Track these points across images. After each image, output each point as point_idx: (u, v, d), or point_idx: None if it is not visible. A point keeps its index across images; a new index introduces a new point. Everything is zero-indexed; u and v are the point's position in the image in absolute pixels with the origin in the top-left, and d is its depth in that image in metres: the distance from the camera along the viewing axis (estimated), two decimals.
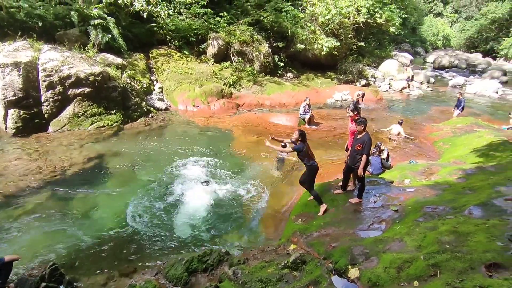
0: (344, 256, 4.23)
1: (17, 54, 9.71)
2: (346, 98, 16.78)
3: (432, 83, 23.92)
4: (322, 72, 20.38)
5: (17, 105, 9.53)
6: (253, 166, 8.66)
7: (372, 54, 24.23)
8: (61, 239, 5.64)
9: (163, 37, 16.08)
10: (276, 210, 6.97)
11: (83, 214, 6.40)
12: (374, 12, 19.92)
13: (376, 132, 11.88)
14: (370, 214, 5.53)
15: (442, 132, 11.69)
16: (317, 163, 5.81)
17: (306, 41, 17.91)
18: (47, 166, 7.95)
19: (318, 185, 6.95)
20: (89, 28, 12.90)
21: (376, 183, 6.83)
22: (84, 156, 8.61)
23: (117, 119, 10.93)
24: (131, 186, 7.44)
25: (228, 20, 17.83)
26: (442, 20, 54.35)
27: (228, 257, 4.82)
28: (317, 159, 8.71)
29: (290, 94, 16.03)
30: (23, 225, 5.94)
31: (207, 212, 6.61)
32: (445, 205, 5.17)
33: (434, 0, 57.01)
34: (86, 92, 10.38)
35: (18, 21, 11.74)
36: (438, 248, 3.75)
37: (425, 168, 7.79)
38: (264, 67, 17.76)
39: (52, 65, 9.90)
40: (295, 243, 5.18)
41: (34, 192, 6.95)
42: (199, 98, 13.60)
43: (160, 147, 9.63)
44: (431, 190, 6.12)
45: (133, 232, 5.96)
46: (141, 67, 14.26)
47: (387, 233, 4.76)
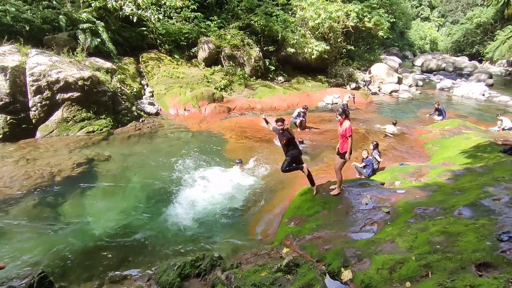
0: (337, 258, 4.23)
1: (3, 58, 9.55)
2: (336, 101, 16.93)
3: (421, 86, 24.32)
4: (313, 76, 20.54)
5: (4, 110, 9.35)
6: (245, 169, 8.64)
7: (361, 57, 24.54)
8: (50, 246, 5.52)
9: (153, 41, 16.00)
10: (269, 213, 6.96)
11: (72, 221, 6.28)
12: (363, 16, 20.21)
13: (367, 132, 12.00)
14: (362, 216, 5.55)
15: (431, 134, 11.87)
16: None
17: (297, 45, 18.05)
18: (35, 172, 7.79)
19: (310, 188, 6.96)
20: (78, 32, 12.77)
21: (367, 185, 6.87)
22: (73, 161, 8.47)
23: (107, 124, 10.80)
24: (121, 192, 7.35)
25: (219, 24, 17.87)
26: (429, 24, 55.43)
27: (221, 262, 4.78)
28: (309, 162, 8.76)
29: (281, 98, 16.10)
30: (9, 232, 5.80)
31: (199, 217, 6.56)
32: (436, 206, 5.22)
33: (421, 4, 58.12)
34: (75, 96, 10.25)
35: (5, 25, 11.55)
36: (429, 249, 3.78)
37: (415, 169, 7.88)
38: (255, 71, 17.81)
39: (40, 69, 9.75)
40: (288, 246, 5.17)
41: (22, 199, 6.80)
42: (190, 102, 13.55)
43: (151, 152, 9.55)
44: (422, 192, 6.19)
45: (124, 238, 5.86)
46: (131, 71, 14.15)
47: (379, 235, 4.78)
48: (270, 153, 9.85)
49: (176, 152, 9.64)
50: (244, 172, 8.34)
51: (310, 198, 6.46)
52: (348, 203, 6.06)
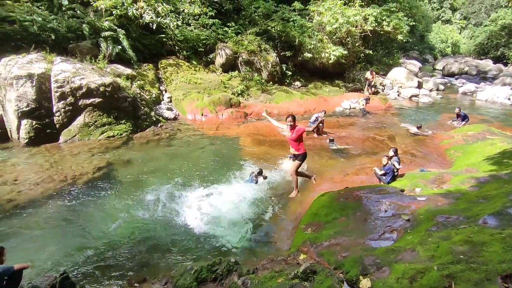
0: (355, 266, 4.14)
1: (30, 66, 9.95)
2: (354, 106, 16.72)
3: (442, 90, 23.68)
4: (330, 81, 20.38)
5: (30, 115, 9.73)
6: (262, 175, 8.62)
7: (380, 62, 24.17)
8: (71, 247, 5.67)
9: (172, 47, 16.32)
10: (286, 219, 6.91)
11: (93, 223, 6.43)
12: (381, 20, 19.93)
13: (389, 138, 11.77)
14: (381, 224, 5.42)
15: (453, 140, 11.51)
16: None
17: (314, 50, 17.98)
18: (58, 176, 8.05)
19: (327, 194, 6.88)
20: (100, 40, 13.18)
21: (387, 192, 6.71)
22: (94, 165, 8.70)
23: (126, 129, 11.06)
24: (141, 195, 7.48)
25: (236, 30, 18.05)
26: (451, 27, 54.04)
27: (238, 267, 4.77)
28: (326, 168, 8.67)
29: (298, 103, 16.04)
30: (33, 233, 6.00)
31: (215, 222, 6.58)
32: (459, 214, 5.04)
33: (442, 7, 56.84)
34: (97, 102, 10.55)
35: (32, 34, 12.05)
36: (452, 259, 3.64)
37: (436, 176, 7.65)
38: (272, 76, 17.85)
39: (64, 76, 10.10)
40: (305, 253, 5.10)
41: (45, 201, 7.03)
42: (207, 107, 13.69)
43: (169, 157, 9.70)
44: (444, 199, 5.99)
45: (142, 240, 5.96)
46: (150, 77, 14.46)
47: (398, 243, 4.65)
48: (286, 158, 9.79)
49: (193, 157, 9.74)
50: (260, 177, 8.32)
51: (327, 204, 6.38)
52: (367, 210, 5.93)
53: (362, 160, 10.00)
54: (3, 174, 7.93)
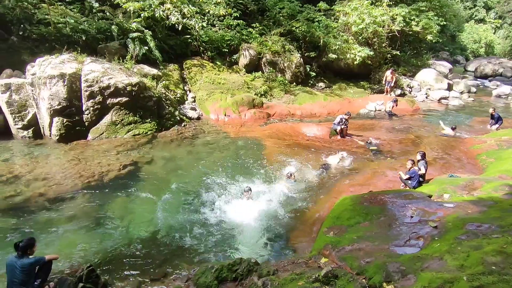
0: (379, 272, 4.01)
1: (62, 66, 10.38)
2: (380, 109, 16.28)
3: (474, 92, 22.63)
4: (355, 82, 19.97)
5: (61, 113, 10.15)
6: (283, 176, 8.56)
7: (407, 63, 23.41)
8: (98, 241, 5.87)
9: (196, 48, 16.56)
10: (307, 221, 6.83)
11: (119, 218, 6.63)
12: (410, 20, 19.32)
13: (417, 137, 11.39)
14: (406, 230, 5.23)
15: (485, 145, 10.95)
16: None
17: (339, 51, 17.67)
18: (86, 172, 8.35)
19: (350, 197, 6.74)
20: (128, 41, 13.57)
21: (413, 197, 6.48)
22: (120, 162, 8.96)
23: (151, 128, 11.31)
24: (165, 193, 7.63)
25: (260, 31, 18.06)
26: (485, 26, 51.59)
27: (258, 267, 4.75)
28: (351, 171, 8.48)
29: (321, 104, 15.83)
30: (62, 227, 6.25)
31: (238, 221, 6.60)
32: (491, 223, 4.78)
33: (475, 6, 54.44)
34: (124, 101, 10.86)
35: (65, 35, 12.60)
36: (484, 269, 3.45)
37: (466, 182, 7.29)
38: (296, 77, 17.72)
39: (93, 76, 10.47)
40: (326, 256, 5.01)
41: (73, 196, 7.31)
42: (230, 108, 13.77)
43: (192, 156, 9.83)
44: (474, 206, 5.71)
45: (165, 238, 6.08)
46: (175, 78, 14.72)
47: (425, 250, 4.47)
48: (308, 160, 9.68)
49: (215, 156, 9.83)
50: (284, 180, 8.27)
51: (350, 208, 6.24)
52: (392, 215, 5.76)
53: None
54: (36, 169, 8.32)
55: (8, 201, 6.98)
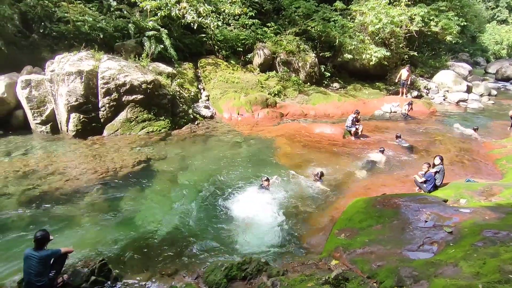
0: (390, 276, 3.93)
1: (80, 63, 10.60)
2: (395, 110, 15.98)
3: (494, 95, 21.95)
4: (370, 83, 19.67)
5: (78, 109, 10.37)
6: (297, 176, 8.51)
7: (425, 64, 22.88)
8: (110, 235, 5.96)
9: (211, 47, 16.64)
10: (319, 222, 6.76)
11: (132, 214, 6.72)
12: (429, 20, 18.87)
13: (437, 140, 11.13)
14: (420, 234, 5.11)
15: (505, 150, 10.61)
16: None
17: (354, 51, 17.43)
18: (101, 167, 8.50)
19: (363, 199, 6.63)
20: (144, 39, 13.75)
21: (427, 201, 6.33)
22: (134, 159, 9.07)
23: (165, 125, 11.42)
24: (177, 190, 7.70)
25: (275, 30, 17.99)
26: (508, 27, 49.98)
27: (267, 267, 4.73)
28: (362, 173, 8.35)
29: (335, 105, 15.65)
30: (77, 221, 6.38)
31: (248, 222, 6.58)
32: (509, 230, 4.62)
33: (498, 6, 52.84)
34: (139, 99, 11.00)
35: (83, 33, 12.87)
36: (500, 278, 3.34)
37: (484, 187, 7.07)
38: (310, 77, 17.59)
39: (110, 73, 10.64)
40: (337, 259, 4.95)
41: (89, 190, 7.45)
42: (243, 107, 13.78)
43: (204, 154, 9.87)
44: (492, 213, 5.52)
45: (177, 234, 6.13)
46: (190, 76, 14.83)
47: (439, 256, 4.36)
48: (321, 160, 9.59)
49: (228, 155, 9.84)
50: (293, 179, 8.21)
51: (363, 210, 6.15)
52: (405, 219, 5.63)
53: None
54: (53, 164, 8.52)
55: (26, 194, 7.16)
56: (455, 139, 12.24)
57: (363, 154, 10.24)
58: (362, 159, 9.82)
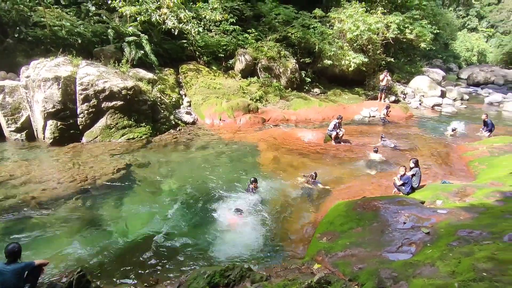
0: (371, 278, 4.03)
1: (57, 69, 10.34)
2: (374, 115, 16.42)
3: (466, 100, 22.94)
4: (350, 88, 20.14)
5: (55, 116, 10.09)
6: (279, 180, 8.58)
7: (402, 70, 23.69)
8: (89, 246, 5.79)
9: (192, 53, 16.60)
10: (300, 227, 6.82)
11: (111, 223, 6.56)
12: (404, 28, 19.58)
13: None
14: (399, 236, 5.26)
15: (477, 152, 11.08)
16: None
17: (334, 57, 17.84)
18: (79, 175, 8.27)
19: (344, 203, 6.76)
20: (124, 45, 13.58)
21: (406, 203, 6.53)
22: (114, 166, 8.89)
23: (146, 132, 11.27)
24: (159, 197, 7.59)
25: (256, 36, 18.16)
26: (477, 35, 52.45)
27: (251, 273, 4.73)
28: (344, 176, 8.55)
29: (316, 110, 15.92)
30: (54, 231, 6.17)
31: (230, 228, 6.56)
32: (482, 230, 4.83)
33: (468, 15, 55.35)
34: (118, 105, 10.82)
35: (60, 38, 12.57)
36: (475, 276, 3.48)
37: (459, 189, 7.36)
38: (291, 83, 17.83)
39: (88, 79, 10.43)
40: (319, 262, 5.01)
41: (66, 199, 7.23)
42: (225, 113, 13.79)
43: (186, 160, 9.80)
44: (466, 213, 5.76)
45: (158, 243, 6.01)
46: (171, 82, 14.73)
47: (417, 257, 4.50)
48: (302, 165, 9.71)
49: (210, 161, 9.81)
50: (275, 184, 8.27)
51: (343, 213, 6.27)
52: (384, 221, 5.78)
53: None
54: (29, 172, 8.23)
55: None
56: (431, 142, 12.69)
57: (350, 156, 10.73)
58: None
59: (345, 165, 10.02)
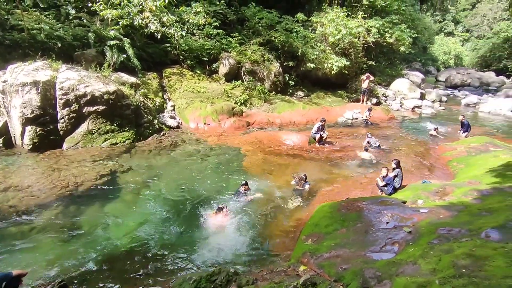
0: (356, 279, 4.09)
1: (36, 73, 10.07)
2: (357, 117, 16.74)
3: (445, 101, 23.71)
4: (333, 91, 20.47)
5: (34, 122, 9.81)
6: (264, 184, 8.62)
7: (383, 73, 24.28)
8: (71, 254, 5.65)
9: (176, 56, 16.50)
10: (287, 229, 6.87)
11: (94, 230, 6.42)
12: (384, 32, 20.09)
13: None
14: (382, 235, 5.38)
15: (456, 152, 11.46)
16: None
17: (317, 60, 18.11)
18: (60, 182, 8.06)
19: (328, 204, 6.85)
20: (106, 49, 13.35)
21: (388, 203, 6.68)
22: (97, 172, 8.71)
23: (129, 137, 11.11)
24: (143, 203, 7.48)
25: (240, 40, 18.24)
26: (454, 39, 54.41)
27: (237, 277, 4.72)
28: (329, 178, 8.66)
29: (300, 113, 16.09)
30: (33, 240, 6.00)
31: (215, 231, 6.55)
32: (461, 227, 5.00)
33: (444, 19, 57.28)
34: (101, 110, 10.63)
35: (39, 42, 12.25)
36: (454, 273, 3.60)
37: (439, 188, 7.60)
38: (275, 86, 17.96)
39: (69, 84, 10.21)
40: (305, 264, 5.06)
41: (46, 207, 7.03)
42: (210, 116, 13.76)
43: (171, 165, 9.71)
44: (446, 211, 5.94)
45: (142, 250, 5.93)
46: (154, 86, 14.58)
47: (400, 256, 4.61)
48: (287, 168, 9.79)
49: (194, 165, 9.75)
50: (260, 187, 8.31)
51: (328, 215, 6.35)
52: (368, 222, 5.90)
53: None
54: (6, 180, 7.96)
55: None
56: (412, 142, 13.04)
57: (336, 158, 10.90)
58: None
59: (333, 166, 10.14)
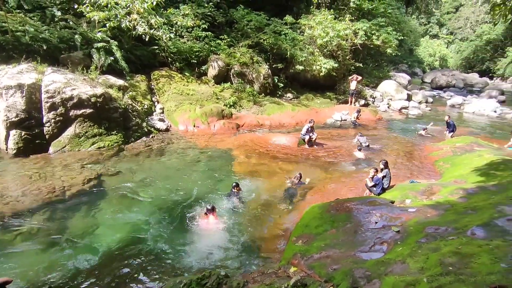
0: (346, 279, 4.13)
1: (21, 76, 9.87)
2: (345, 118, 16.91)
3: (431, 102, 24.17)
4: (321, 93, 20.65)
5: (19, 126, 9.60)
6: (255, 185, 8.62)
7: (370, 74, 24.63)
8: (59, 261, 5.54)
9: (164, 59, 16.40)
10: (277, 231, 6.89)
11: (82, 236, 6.31)
12: (371, 34, 20.40)
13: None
14: (371, 235, 5.44)
15: (442, 152, 11.69)
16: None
17: (305, 63, 18.26)
18: (46, 187, 7.90)
19: (318, 205, 6.90)
20: (93, 51, 13.18)
21: (377, 203, 6.76)
22: (84, 176, 8.57)
23: (117, 140, 10.97)
24: (132, 207, 7.39)
25: (229, 42, 18.25)
26: (438, 41, 55.61)
27: (228, 280, 4.71)
28: (318, 179, 8.73)
29: (290, 115, 16.17)
30: (19, 247, 5.86)
31: (205, 234, 6.52)
32: (447, 226, 5.10)
33: (429, 22, 58.49)
34: (88, 113, 10.48)
35: (23, 44, 12.00)
36: (442, 270, 3.67)
37: (426, 187, 7.73)
38: (264, 88, 18.01)
39: (55, 87, 10.03)
40: (295, 265, 5.08)
41: (32, 213, 6.88)
42: (199, 119, 13.71)
43: (160, 168, 9.63)
44: (433, 210, 6.05)
45: (131, 254, 5.86)
46: (143, 89, 14.45)
47: (389, 255, 4.67)
48: (277, 170, 9.82)
49: (184, 168, 9.69)
50: (251, 189, 8.31)
51: (318, 216, 6.39)
52: (357, 222, 5.96)
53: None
54: None
55: None
56: (400, 143, 13.25)
57: (325, 158, 11.10)
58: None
59: (322, 167, 10.21)
